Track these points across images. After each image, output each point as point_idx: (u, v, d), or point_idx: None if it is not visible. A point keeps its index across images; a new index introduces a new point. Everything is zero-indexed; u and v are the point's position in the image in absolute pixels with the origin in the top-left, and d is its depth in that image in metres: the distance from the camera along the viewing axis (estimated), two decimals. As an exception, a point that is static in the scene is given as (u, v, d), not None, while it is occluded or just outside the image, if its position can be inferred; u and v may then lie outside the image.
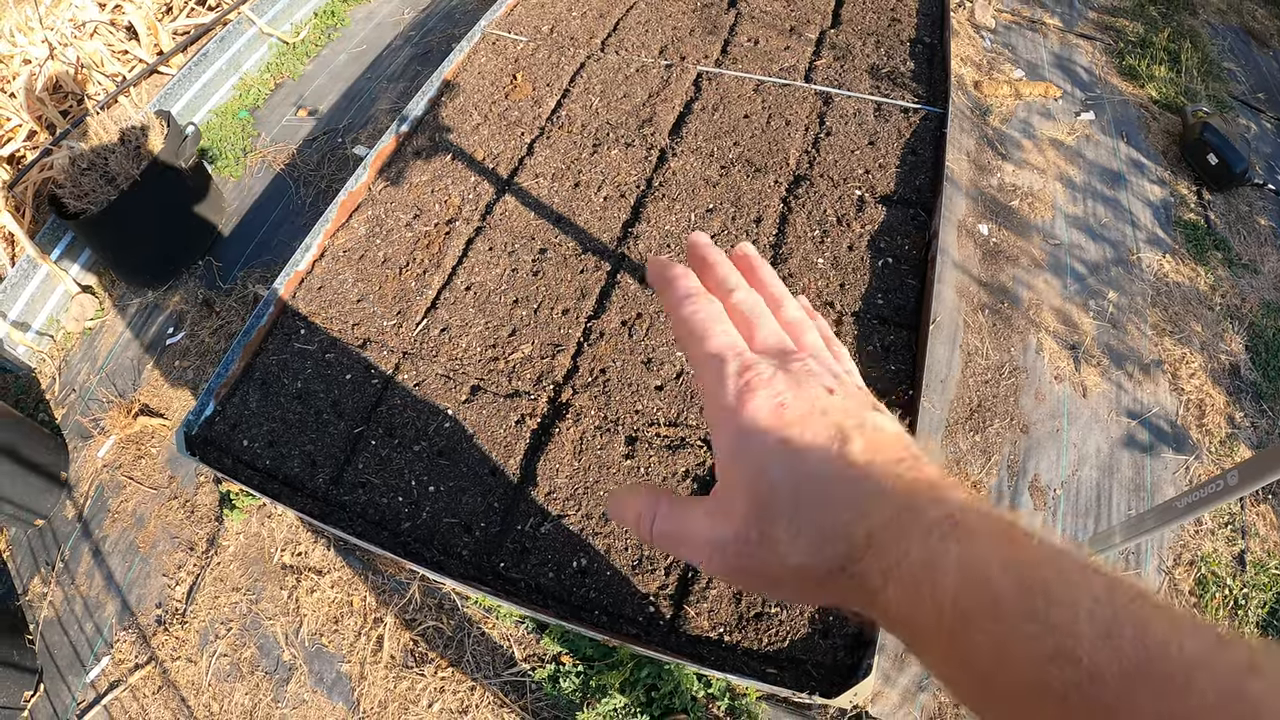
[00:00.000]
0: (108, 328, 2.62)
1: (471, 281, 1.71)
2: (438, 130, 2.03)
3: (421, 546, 1.37)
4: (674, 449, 1.42)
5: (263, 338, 1.68)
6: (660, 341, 1.56)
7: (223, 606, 1.97)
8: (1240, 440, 2.11)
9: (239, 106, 3.20)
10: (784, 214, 1.75)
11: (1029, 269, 2.48)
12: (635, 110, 2.00)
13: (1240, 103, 3.06)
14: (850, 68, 2.08)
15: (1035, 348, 2.29)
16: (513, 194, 1.85)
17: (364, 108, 3.15)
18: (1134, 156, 2.82)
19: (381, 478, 1.45)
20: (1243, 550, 1.93)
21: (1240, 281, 2.47)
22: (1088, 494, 2.02)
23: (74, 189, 2.41)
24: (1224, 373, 2.25)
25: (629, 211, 1.79)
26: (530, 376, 1.54)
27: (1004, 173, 2.75)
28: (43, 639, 2.00)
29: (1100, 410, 2.16)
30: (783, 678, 1.18)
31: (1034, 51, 3.24)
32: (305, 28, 3.55)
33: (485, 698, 1.75)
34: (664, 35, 2.24)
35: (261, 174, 2.96)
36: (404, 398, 1.55)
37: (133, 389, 2.42)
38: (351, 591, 1.93)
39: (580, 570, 1.31)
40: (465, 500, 1.40)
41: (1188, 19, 3.40)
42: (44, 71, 2.93)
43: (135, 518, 2.16)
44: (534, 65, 2.17)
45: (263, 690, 1.83)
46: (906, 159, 1.83)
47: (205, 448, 1.55)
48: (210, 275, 2.65)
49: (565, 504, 1.37)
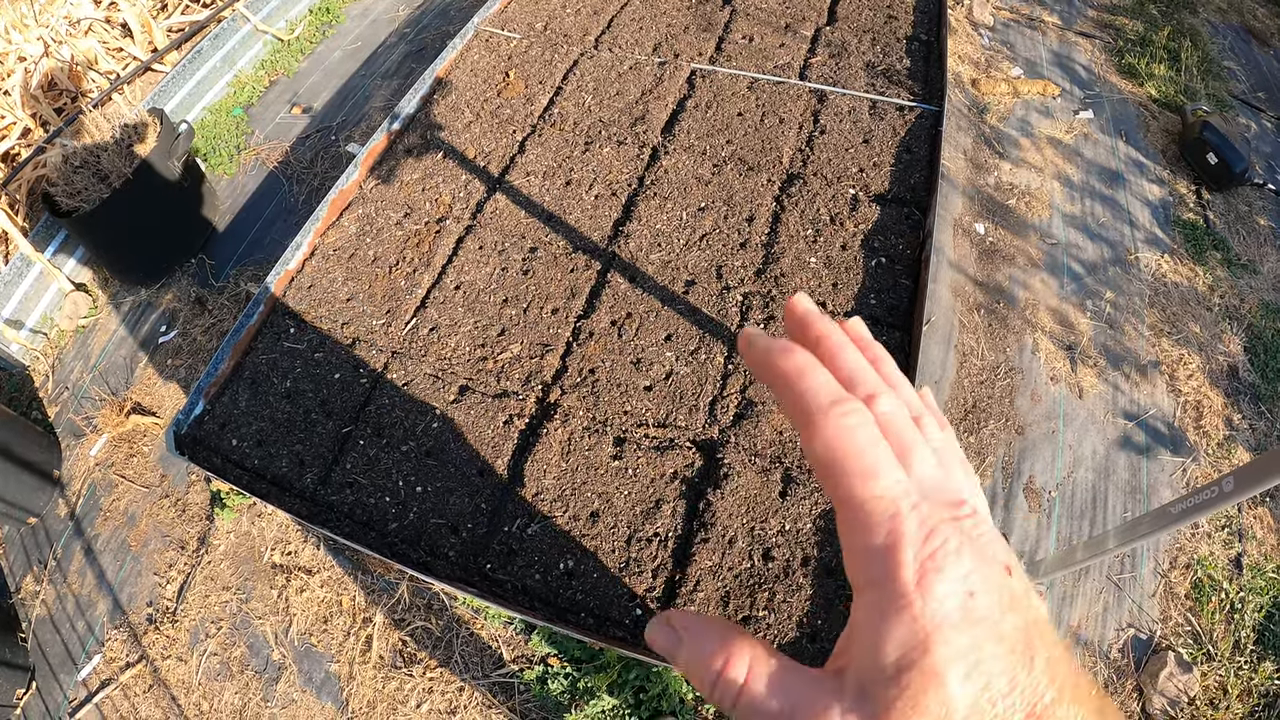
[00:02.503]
0: (101, 326, 2.62)
1: (461, 280, 1.69)
2: (430, 128, 2.02)
3: (408, 547, 1.36)
4: (662, 450, 1.40)
5: (252, 337, 1.67)
6: (649, 342, 1.54)
7: (213, 605, 1.96)
8: (1238, 442, 2.09)
9: (233, 104, 3.19)
10: (776, 213, 1.73)
11: (1025, 268, 2.46)
12: (628, 108, 1.99)
13: (1240, 102, 3.04)
14: (845, 65, 2.07)
15: (1031, 348, 2.27)
16: (504, 192, 1.84)
17: (358, 105, 3.14)
18: (1133, 155, 2.80)
19: (369, 478, 1.44)
20: (1239, 554, 1.91)
21: (1239, 282, 2.45)
22: (1083, 496, 2.00)
23: (67, 187, 2.40)
24: (1222, 374, 2.24)
25: (620, 210, 1.78)
26: (519, 376, 1.53)
27: (1001, 171, 2.73)
28: (35, 637, 2.00)
29: (1096, 411, 2.15)
30: (769, 681, 1.17)
31: (1033, 49, 3.22)
32: (300, 24, 3.54)
33: (473, 698, 1.74)
34: (658, 32, 2.23)
35: (255, 172, 2.95)
36: (392, 397, 1.54)
37: (125, 387, 2.42)
38: (341, 591, 1.93)
39: (567, 572, 1.30)
40: (453, 501, 1.40)
41: (1188, 17, 3.37)
42: (39, 69, 2.93)
43: (127, 516, 2.16)
44: (527, 62, 2.16)
45: (252, 689, 1.83)
46: (901, 157, 1.82)
47: (195, 447, 1.54)
48: (203, 273, 2.65)
49: (553, 505, 1.36)
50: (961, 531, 0.26)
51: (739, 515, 1.32)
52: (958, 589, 0.25)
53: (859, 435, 0.26)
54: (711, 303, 1.59)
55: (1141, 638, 1.80)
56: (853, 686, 0.25)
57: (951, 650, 0.24)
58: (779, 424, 1.41)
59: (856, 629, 0.26)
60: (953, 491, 0.28)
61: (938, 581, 0.24)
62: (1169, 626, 1.81)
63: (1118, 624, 1.81)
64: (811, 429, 0.27)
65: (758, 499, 1.33)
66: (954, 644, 0.24)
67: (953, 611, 0.24)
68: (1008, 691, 0.24)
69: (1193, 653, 1.76)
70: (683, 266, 1.65)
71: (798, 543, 1.28)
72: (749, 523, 1.31)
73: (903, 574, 0.25)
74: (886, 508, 0.26)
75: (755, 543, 1.29)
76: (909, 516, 0.25)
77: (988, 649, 0.24)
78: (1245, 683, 1.72)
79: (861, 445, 0.26)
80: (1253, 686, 1.72)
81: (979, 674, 0.24)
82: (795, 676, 0.27)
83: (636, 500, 1.35)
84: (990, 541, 0.27)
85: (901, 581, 0.25)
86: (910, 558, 0.25)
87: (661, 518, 1.33)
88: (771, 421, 1.41)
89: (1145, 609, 1.83)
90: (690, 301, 1.59)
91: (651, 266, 1.66)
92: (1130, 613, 1.83)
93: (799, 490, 1.33)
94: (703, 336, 1.54)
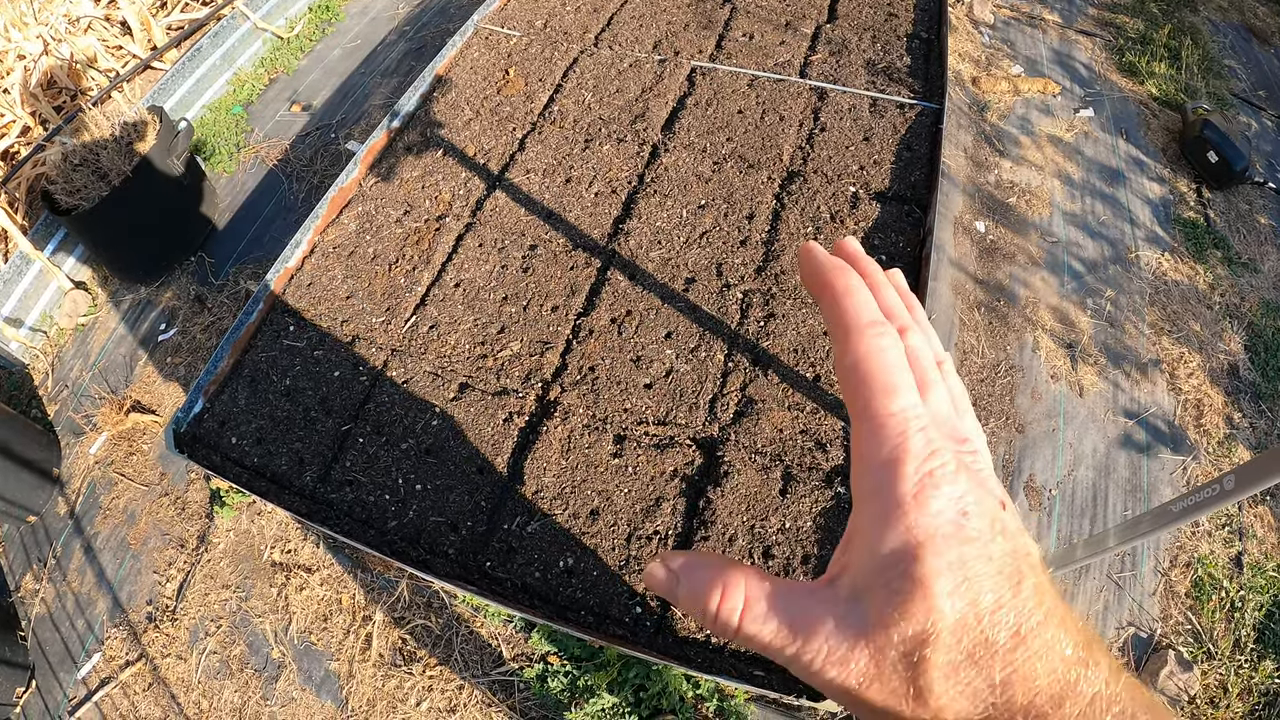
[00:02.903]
0: (100, 324, 2.61)
1: (461, 278, 1.69)
2: (429, 125, 2.01)
3: (408, 545, 1.36)
4: (662, 448, 1.40)
5: (252, 334, 1.67)
6: (649, 339, 1.54)
7: (213, 604, 1.96)
8: (1238, 441, 2.09)
9: (233, 102, 3.19)
10: (777, 210, 1.73)
11: (1026, 266, 2.46)
12: (628, 105, 1.99)
13: (1241, 100, 3.03)
14: (846, 63, 2.06)
15: (1032, 346, 2.27)
16: (503, 190, 1.84)
17: (358, 103, 3.13)
18: (1133, 154, 2.80)
19: (369, 475, 1.44)
20: (1240, 552, 1.91)
21: (1239, 280, 2.45)
22: (1084, 495, 2.00)
23: (66, 185, 2.40)
24: (1222, 372, 2.23)
25: (620, 207, 1.78)
26: (518, 374, 1.53)
27: (1002, 169, 2.73)
28: (35, 635, 2.00)
29: (1097, 410, 2.14)
30: (770, 680, 1.17)
31: (1033, 47, 3.22)
32: (300, 22, 3.53)
33: (473, 696, 1.74)
34: (658, 30, 2.22)
35: (255, 169, 2.94)
36: (392, 395, 1.53)
37: (125, 385, 2.42)
38: (340, 589, 1.93)
39: (567, 570, 1.30)
40: (452, 499, 1.39)
41: (1188, 16, 3.37)
42: (38, 67, 2.92)
43: (126, 514, 2.15)
44: (527, 60, 2.16)
45: (252, 688, 1.83)
46: (902, 155, 1.81)
47: (194, 445, 1.54)
48: (203, 271, 2.64)
49: (552, 503, 1.36)
50: (961, 460, 0.27)
51: (739, 513, 1.31)
52: (952, 507, 0.25)
53: (888, 356, 0.28)
54: (712, 300, 1.58)
55: (1142, 636, 1.80)
56: (846, 593, 0.26)
57: (941, 562, 0.24)
58: (779, 422, 1.41)
59: (853, 536, 0.28)
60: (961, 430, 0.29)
61: (934, 497, 0.25)
62: (1169, 625, 1.81)
63: (1118, 622, 1.81)
64: (847, 342, 0.29)
65: (758, 497, 1.33)
66: (944, 556, 0.24)
67: (945, 525, 0.25)
68: (994, 609, 0.24)
69: (1193, 651, 1.76)
70: (683, 264, 1.65)
71: (798, 540, 1.28)
72: (749, 520, 1.31)
73: (902, 485, 0.26)
74: (898, 424, 0.27)
75: (755, 540, 1.29)
76: (915, 435, 0.26)
77: (977, 566, 0.25)
78: (1245, 681, 1.72)
79: (889, 365, 0.28)
80: (1253, 685, 1.72)
81: (967, 588, 0.24)
82: (790, 593, 0.28)
83: (636, 498, 1.35)
84: (988, 476, 0.28)
85: (900, 492, 0.26)
86: (911, 470, 0.26)
87: (661, 515, 1.33)
88: (771, 419, 1.41)
89: (1145, 607, 1.83)
90: (690, 299, 1.59)
91: (651, 264, 1.66)
92: (1130, 611, 1.83)
93: (799, 488, 1.33)
94: (703, 334, 1.54)
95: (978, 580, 0.24)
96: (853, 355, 0.28)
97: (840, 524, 1.29)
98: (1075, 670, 0.24)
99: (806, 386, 1.45)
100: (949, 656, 0.24)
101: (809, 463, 1.36)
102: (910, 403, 0.27)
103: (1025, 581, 0.25)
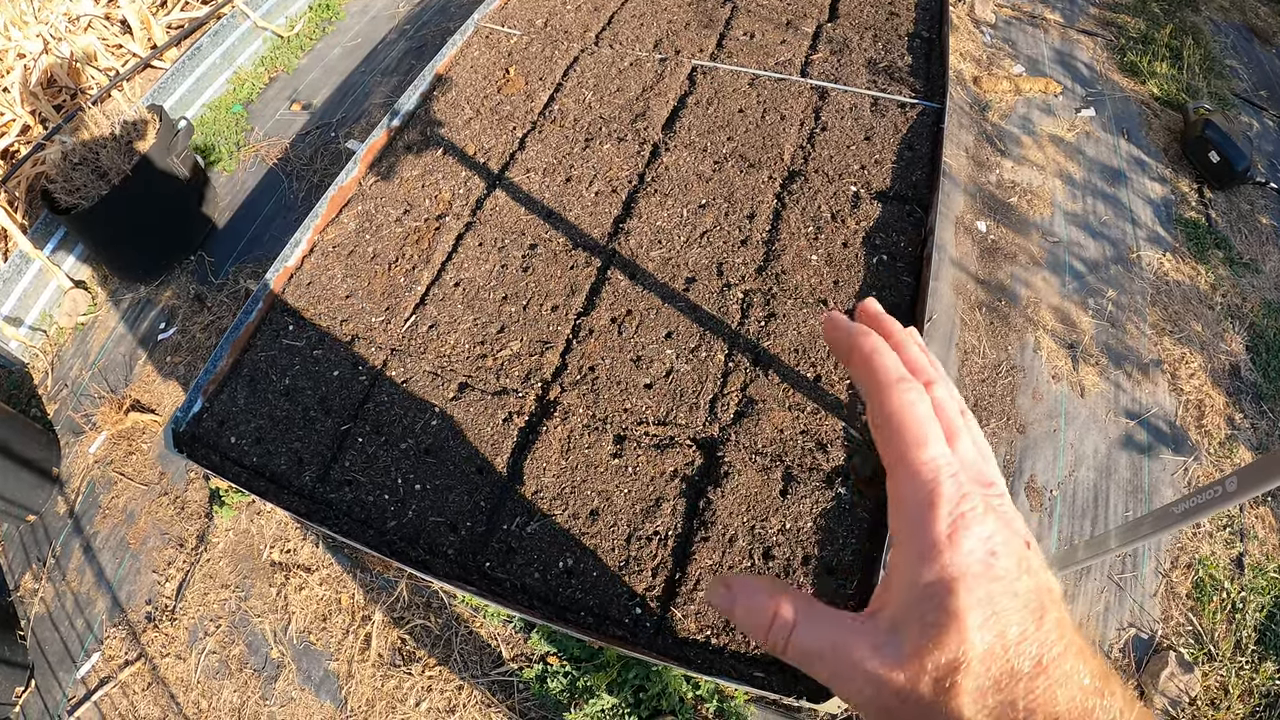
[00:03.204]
0: (100, 323, 2.61)
1: (460, 278, 1.69)
2: (429, 124, 2.01)
3: (407, 545, 1.36)
4: (662, 448, 1.40)
5: (251, 334, 1.67)
6: (649, 339, 1.54)
7: (212, 603, 1.96)
8: (1240, 442, 2.09)
9: (233, 100, 3.19)
10: (777, 210, 1.73)
11: (1027, 266, 2.45)
12: (628, 104, 1.98)
13: (1242, 100, 3.03)
14: (847, 62, 2.06)
15: (1033, 346, 2.26)
16: (503, 189, 1.83)
17: (358, 101, 3.13)
18: (1134, 154, 2.79)
19: (368, 475, 1.44)
20: (1241, 553, 1.91)
21: (1241, 280, 2.45)
22: (1085, 495, 2.00)
23: (66, 184, 2.39)
24: (1224, 373, 2.23)
25: (620, 207, 1.77)
26: (518, 374, 1.52)
27: (1003, 169, 2.72)
28: (34, 635, 1.99)
29: (1098, 410, 2.14)
30: (770, 681, 1.17)
31: (1034, 47, 3.21)
32: (300, 21, 3.53)
33: (473, 697, 1.74)
34: (659, 29, 2.22)
35: (255, 168, 2.94)
36: (391, 395, 1.53)
37: (124, 384, 2.41)
38: (340, 589, 1.92)
39: (566, 570, 1.29)
40: (451, 499, 1.39)
41: (1190, 15, 3.36)
42: (38, 65, 2.92)
43: (126, 514, 2.15)
44: (527, 59, 2.15)
45: (251, 688, 1.83)
46: (903, 154, 1.81)
47: (193, 444, 1.53)
48: (202, 270, 2.64)
49: (552, 503, 1.36)
50: (989, 502, 0.30)
51: (739, 514, 1.31)
52: (981, 546, 0.28)
53: (918, 409, 0.31)
54: (712, 300, 1.58)
55: (1143, 637, 1.79)
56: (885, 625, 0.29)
57: (972, 598, 0.27)
58: (780, 422, 1.40)
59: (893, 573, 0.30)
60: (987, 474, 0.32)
61: (965, 538, 0.28)
62: (1170, 626, 1.80)
63: (1119, 624, 1.81)
64: (879, 397, 0.32)
65: (758, 497, 1.32)
66: (975, 592, 0.27)
67: (975, 564, 0.28)
68: (1019, 640, 0.27)
69: (1194, 653, 1.76)
70: (683, 263, 1.65)
71: (798, 541, 1.28)
72: (749, 521, 1.30)
73: (937, 527, 0.28)
74: (930, 472, 0.30)
75: (756, 541, 1.28)
76: (947, 481, 0.29)
77: (1004, 602, 0.27)
78: (1246, 683, 1.72)
79: (919, 417, 0.31)
80: (1254, 687, 1.72)
81: (995, 622, 0.27)
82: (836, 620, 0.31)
83: (636, 498, 1.35)
84: (1014, 517, 0.30)
85: (935, 533, 0.28)
86: (945, 513, 0.29)
87: (661, 516, 1.33)
88: (772, 419, 1.40)
89: (1147, 609, 1.83)
90: (691, 299, 1.59)
91: (652, 263, 1.65)
92: (1131, 612, 1.82)
93: (799, 489, 1.33)
94: (703, 334, 1.53)
95: (1005, 614, 0.27)
96: (886, 410, 0.32)
97: (841, 524, 1.29)
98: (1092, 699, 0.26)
99: (807, 387, 1.45)
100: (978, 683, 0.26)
101: (810, 463, 1.35)
102: (940, 451, 0.30)
103: (1048, 616, 0.27)
